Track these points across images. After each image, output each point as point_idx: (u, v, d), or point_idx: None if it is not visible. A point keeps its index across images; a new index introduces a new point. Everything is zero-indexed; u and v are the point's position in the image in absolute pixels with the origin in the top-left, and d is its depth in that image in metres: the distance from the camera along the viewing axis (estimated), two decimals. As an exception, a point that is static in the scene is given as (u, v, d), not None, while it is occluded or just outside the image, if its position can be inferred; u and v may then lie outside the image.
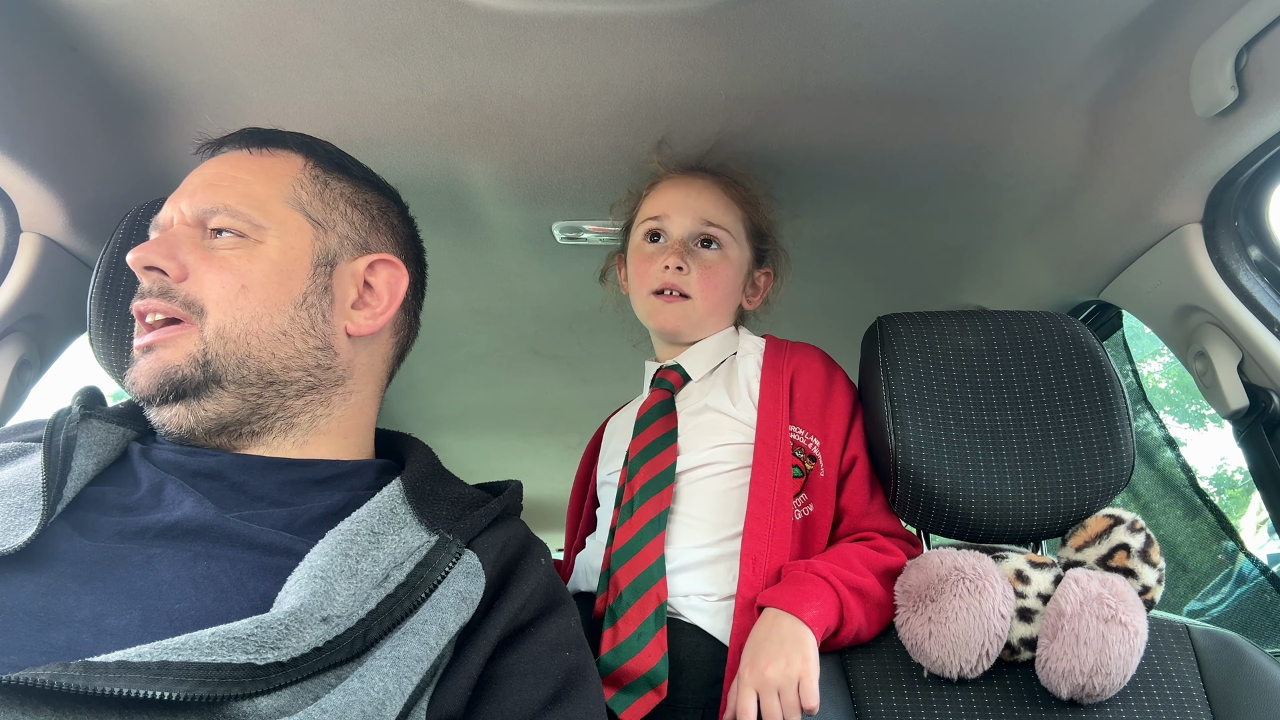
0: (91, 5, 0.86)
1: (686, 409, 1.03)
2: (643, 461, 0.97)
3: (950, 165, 1.12)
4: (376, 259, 0.77)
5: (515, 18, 0.86)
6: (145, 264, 0.69)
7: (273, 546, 0.60)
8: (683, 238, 1.04)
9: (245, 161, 0.75)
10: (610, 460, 1.10)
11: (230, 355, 0.68)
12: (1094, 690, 0.80)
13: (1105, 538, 0.87)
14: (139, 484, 0.65)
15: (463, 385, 1.96)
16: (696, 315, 1.04)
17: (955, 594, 0.83)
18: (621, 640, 0.86)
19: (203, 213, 0.71)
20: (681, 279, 1.02)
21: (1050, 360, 0.95)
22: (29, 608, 0.53)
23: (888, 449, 0.92)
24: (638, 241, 1.08)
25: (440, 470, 0.75)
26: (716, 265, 1.04)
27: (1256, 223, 0.97)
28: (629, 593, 0.89)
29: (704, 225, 1.04)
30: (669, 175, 1.08)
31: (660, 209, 1.05)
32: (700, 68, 0.94)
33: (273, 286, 0.70)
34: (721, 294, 1.05)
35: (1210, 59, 0.83)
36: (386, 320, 0.77)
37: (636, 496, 0.95)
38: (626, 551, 0.91)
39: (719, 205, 1.05)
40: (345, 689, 0.51)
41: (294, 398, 0.72)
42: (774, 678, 0.76)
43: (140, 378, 0.69)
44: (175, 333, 0.68)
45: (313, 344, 0.72)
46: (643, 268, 1.06)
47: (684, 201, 1.05)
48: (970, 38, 0.89)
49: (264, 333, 0.69)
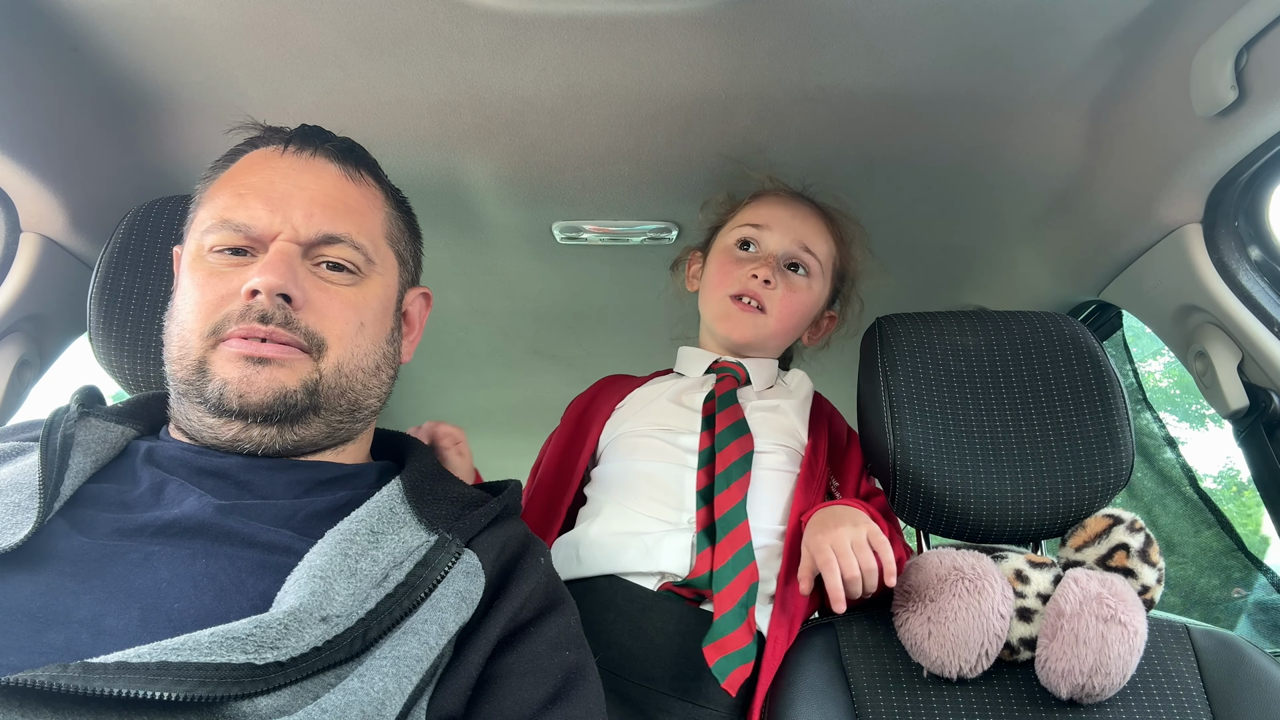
0: (92, 5, 0.86)
1: (747, 404, 1.03)
2: (729, 439, 0.96)
3: (950, 165, 1.12)
4: (421, 292, 0.81)
5: (515, 18, 0.86)
6: (279, 292, 0.65)
7: (272, 544, 0.60)
8: (777, 254, 1.05)
9: (349, 187, 0.73)
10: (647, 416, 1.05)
11: (336, 389, 0.69)
12: (1093, 690, 0.80)
13: (1105, 538, 0.88)
14: (138, 482, 0.65)
15: (463, 385, 1.96)
16: (766, 332, 1.05)
17: (955, 594, 0.83)
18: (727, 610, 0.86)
19: (324, 237, 0.69)
20: (766, 292, 1.04)
21: (1050, 360, 0.95)
22: (27, 608, 0.53)
23: (886, 449, 0.92)
24: (728, 243, 1.08)
25: (440, 470, 0.75)
26: (800, 292, 1.06)
27: (1256, 223, 0.97)
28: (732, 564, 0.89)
29: (800, 249, 1.05)
30: (775, 192, 1.10)
31: (763, 219, 1.06)
32: (700, 68, 0.94)
33: (378, 325, 0.72)
34: (796, 320, 1.07)
35: (1210, 59, 0.83)
36: (415, 345, 0.80)
37: (731, 469, 0.94)
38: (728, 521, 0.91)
39: (818, 235, 1.07)
40: (345, 689, 0.51)
41: (361, 422, 0.74)
42: (847, 533, 0.82)
43: (252, 392, 0.65)
44: (294, 355, 0.66)
45: (390, 376, 0.75)
46: (728, 269, 1.06)
47: (788, 220, 1.06)
48: (970, 38, 0.89)
49: (365, 369, 0.71)
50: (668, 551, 0.92)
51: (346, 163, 0.73)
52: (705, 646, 0.84)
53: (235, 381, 0.65)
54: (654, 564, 0.92)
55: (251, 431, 0.66)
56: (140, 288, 0.91)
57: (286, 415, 0.66)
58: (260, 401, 0.65)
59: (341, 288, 0.69)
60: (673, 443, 1.00)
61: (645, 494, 0.97)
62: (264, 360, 0.65)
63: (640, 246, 1.34)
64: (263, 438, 0.67)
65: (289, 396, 0.66)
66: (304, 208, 0.69)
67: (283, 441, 0.68)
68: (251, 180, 0.70)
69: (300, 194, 0.69)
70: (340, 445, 0.73)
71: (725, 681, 0.83)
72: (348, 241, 0.69)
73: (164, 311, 0.89)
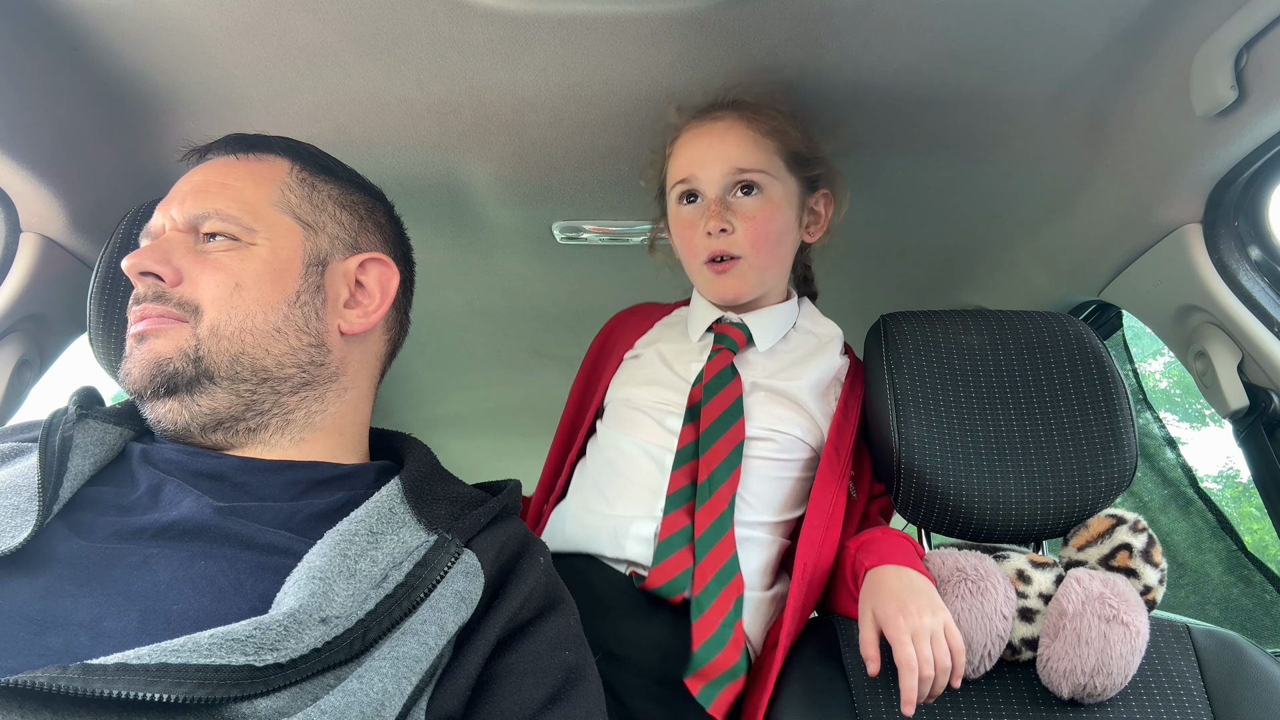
0: (92, 6, 0.86)
1: (748, 375, 0.98)
2: (716, 435, 0.92)
3: (950, 165, 1.12)
4: (367, 258, 0.78)
5: (515, 18, 0.86)
6: (140, 269, 0.70)
7: (271, 546, 0.60)
8: (718, 195, 0.96)
9: (233, 167, 0.76)
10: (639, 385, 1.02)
11: (223, 352, 0.69)
12: (1095, 690, 0.80)
13: (1107, 538, 0.87)
14: (137, 484, 0.65)
15: (463, 385, 1.96)
16: (754, 273, 0.97)
17: (957, 595, 0.83)
18: (708, 637, 0.85)
19: (194, 218, 0.72)
20: (729, 241, 0.95)
21: (1054, 360, 0.95)
22: (26, 611, 0.53)
23: (891, 447, 0.92)
24: (674, 207, 1.01)
25: (439, 470, 0.75)
26: (760, 212, 0.96)
27: (1256, 223, 0.97)
28: (714, 584, 0.86)
29: (736, 174, 0.95)
30: (687, 125, 0.99)
31: (686, 168, 0.97)
32: (700, 68, 0.94)
33: (266, 285, 0.71)
34: (774, 242, 0.98)
35: (1210, 59, 0.83)
36: (379, 318, 0.78)
37: (716, 473, 0.90)
38: (709, 538, 0.88)
39: (746, 145, 0.95)
40: (344, 690, 0.51)
41: (288, 394, 0.72)
42: (930, 624, 0.77)
43: (134, 369, 0.69)
44: (168, 325, 0.69)
45: (306, 341, 0.73)
46: (687, 236, 0.99)
47: (709, 153, 0.96)
48: (970, 38, 0.89)
49: (258, 329, 0.70)
50: (633, 540, 0.91)
51: (237, 148, 0.78)
52: (686, 678, 0.83)
53: (126, 364, 0.70)
54: (620, 551, 0.91)
55: (158, 409, 0.70)
56: (140, 288, 0.91)
57: (175, 384, 0.68)
58: (141, 375, 0.69)
59: (219, 254, 0.72)
60: (660, 422, 0.97)
61: (625, 475, 0.96)
62: (142, 336, 0.70)
63: (640, 246, 1.34)
64: (171, 413, 0.69)
65: (166, 365, 0.68)
66: (180, 199, 0.74)
67: (191, 415, 0.69)
68: None
69: (183, 186, 0.75)
70: (292, 427, 0.72)
71: (712, 706, 0.82)
72: (215, 216, 0.72)
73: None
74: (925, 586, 0.81)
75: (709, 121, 0.97)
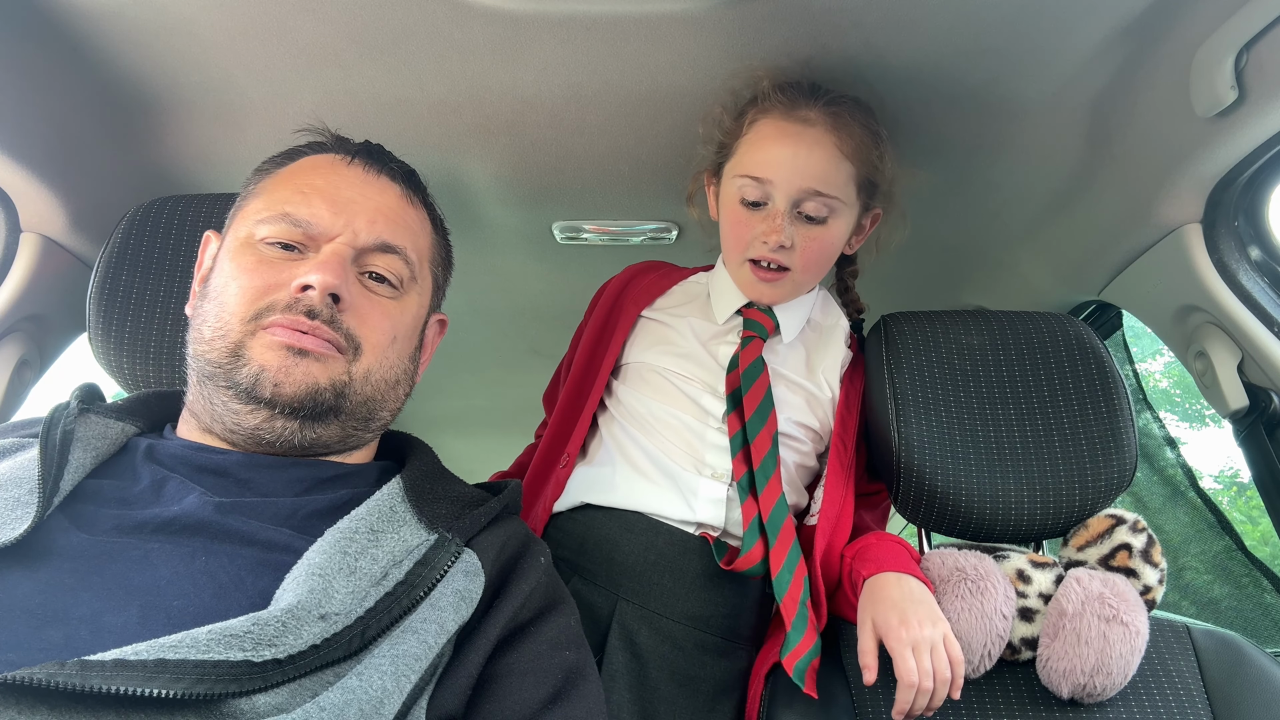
0: (92, 6, 0.87)
1: (771, 363, 0.98)
2: (759, 424, 0.93)
3: (950, 165, 1.12)
4: (439, 317, 0.83)
5: (515, 18, 0.86)
6: (332, 291, 0.66)
7: (272, 543, 0.60)
8: (787, 209, 0.92)
9: (408, 207, 0.76)
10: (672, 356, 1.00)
11: (363, 396, 0.70)
12: (1095, 690, 0.80)
13: (1107, 538, 0.87)
14: (139, 478, 0.65)
15: (462, 385, 1.97)
16: (796, 286, 0.98)
17: (957, 595, 0.83)
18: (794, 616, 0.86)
19: (382, 245, 0.71)
20: (783, 255, 0.94)
21: (1054, 360, 0.95)
22: (26, 604, 0.53)
23: (891, 447, 0.92)
24: (733, 192, 0.95)
25: (440, 469, 0.75)
26: (822, 236, 0.94)
27: (1256, 223, 0.97)
28: (787, 567, 0.88)
29: (811, 195, 0.91)
30: (773, 113, 0.93)
31: (763, 168, 0.92)
32: (700, 68, 0.94)
33: (404, 341, 0.74)
34: (825, 262, 0.98)
35: (1210, 59, 0.83)
36: (425, 367, 0.82)
37: (766, 461, 0.92)
38: (775, 521, 0.90)
39: (829, 166, 0.91)
40: (343, 687, 0.51)
41: (372, 433, 0.75)
42: (930, 635, 0.78)
43: (288, 383, 0.65)
44: (331, 353, 0.67)
45: (404, 392, 0.77)
46: (739, 229, 0.95)
47: (792, 163, 0.91)
48: (970, 38, 0.89)
49: (389, 381, 0.72)
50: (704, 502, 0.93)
51: (408, 185, 0.77)
52: (783, 658, 0.84)
53: (273, 369, 0.65)
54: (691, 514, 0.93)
55: (275, 423, 0.66)
56: (140, 287, 0.91)
57: (313, 412, 0.67)
58: (293, 394, 0.65)
59: (383, 299, 0.72)
60: (695, 399, 0.97)
61: (670, 440, 0.96)
62: (303, 352, 0.66)
63: (640, 246, 1.34)
64: (284, 431, 0.67)
65: (320, 393, 0.66)
66: (368, 215, 0.71)
67: (301, 438, 0.68)
68: (316, 182, 0.72)
69: (365, 202, 0.72)
70: (348, 451, 0.74)
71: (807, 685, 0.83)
72: (402, 254, 0.72)
73: (163, 311, 0.90)
74: (925, 596, 0.82)
75: (798, 123, 0.92)
